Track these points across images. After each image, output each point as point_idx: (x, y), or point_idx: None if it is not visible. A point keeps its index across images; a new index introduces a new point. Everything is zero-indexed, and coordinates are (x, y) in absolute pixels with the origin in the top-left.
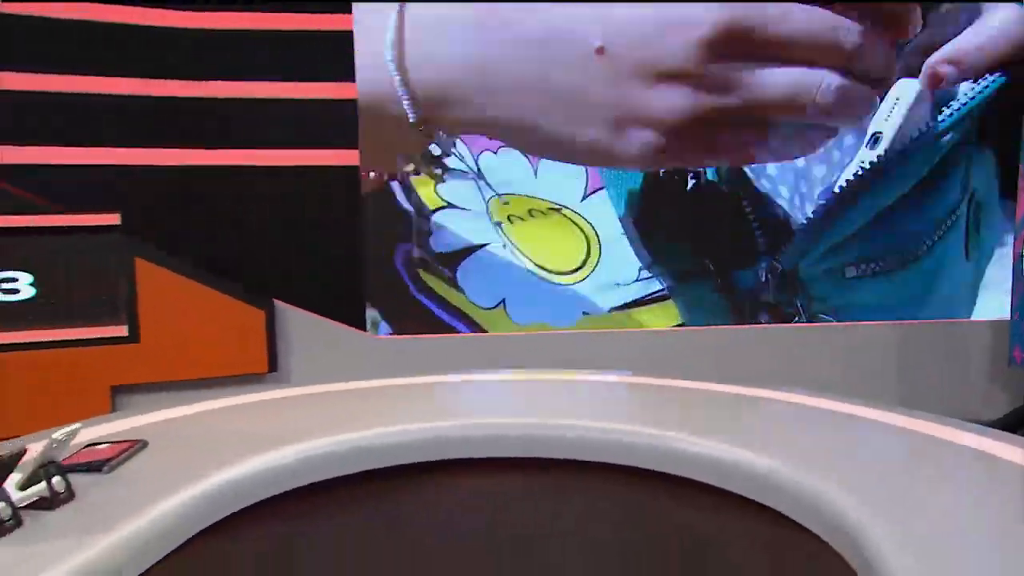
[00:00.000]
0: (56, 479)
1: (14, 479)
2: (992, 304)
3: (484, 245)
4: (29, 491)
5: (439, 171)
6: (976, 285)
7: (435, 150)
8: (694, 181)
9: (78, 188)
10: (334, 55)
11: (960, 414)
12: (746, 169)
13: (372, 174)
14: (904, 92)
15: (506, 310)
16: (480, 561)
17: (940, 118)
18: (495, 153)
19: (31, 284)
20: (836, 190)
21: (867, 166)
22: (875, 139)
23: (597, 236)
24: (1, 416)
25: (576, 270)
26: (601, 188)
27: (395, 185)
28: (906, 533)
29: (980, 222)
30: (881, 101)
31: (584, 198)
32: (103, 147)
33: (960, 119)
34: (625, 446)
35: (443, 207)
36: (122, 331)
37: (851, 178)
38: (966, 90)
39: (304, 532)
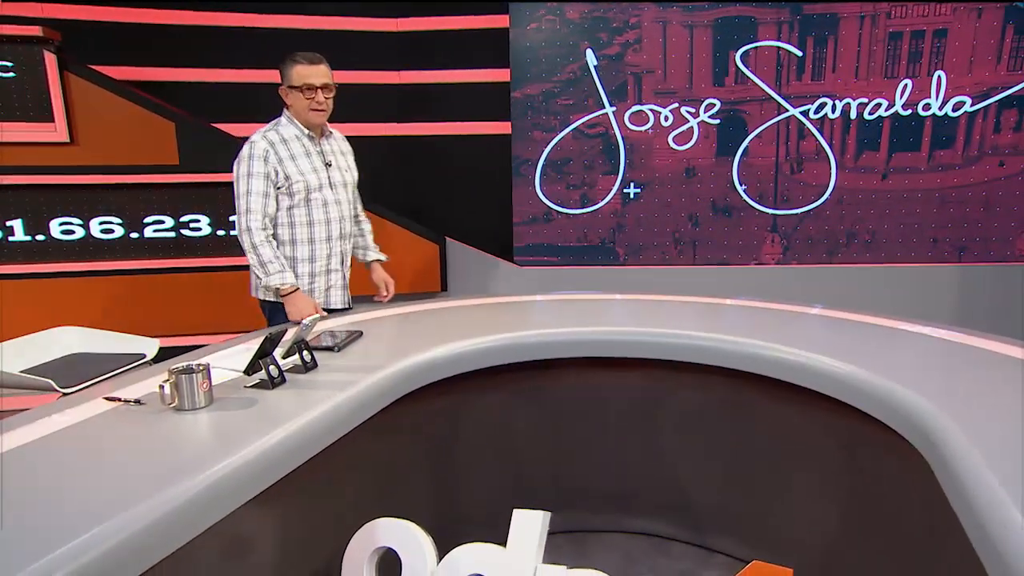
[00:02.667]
0: (305, 353)
1: (279, 351)
2: None
3: None
4: (288, 360)
5: None
6: None
7: None
8: None
9: None
10: (493, 47)
11: None
12: None
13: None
14: None
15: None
16: (596, 432)
17: None
18: None
19: None
20: None
21: None
22: None
23: None
24: None
25: None
26: None
27: None
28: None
29: None
30: None
31: None
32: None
33: None
34: (723, 352)
35: None
36: None
37: None
38: None
39: (469, 402)
